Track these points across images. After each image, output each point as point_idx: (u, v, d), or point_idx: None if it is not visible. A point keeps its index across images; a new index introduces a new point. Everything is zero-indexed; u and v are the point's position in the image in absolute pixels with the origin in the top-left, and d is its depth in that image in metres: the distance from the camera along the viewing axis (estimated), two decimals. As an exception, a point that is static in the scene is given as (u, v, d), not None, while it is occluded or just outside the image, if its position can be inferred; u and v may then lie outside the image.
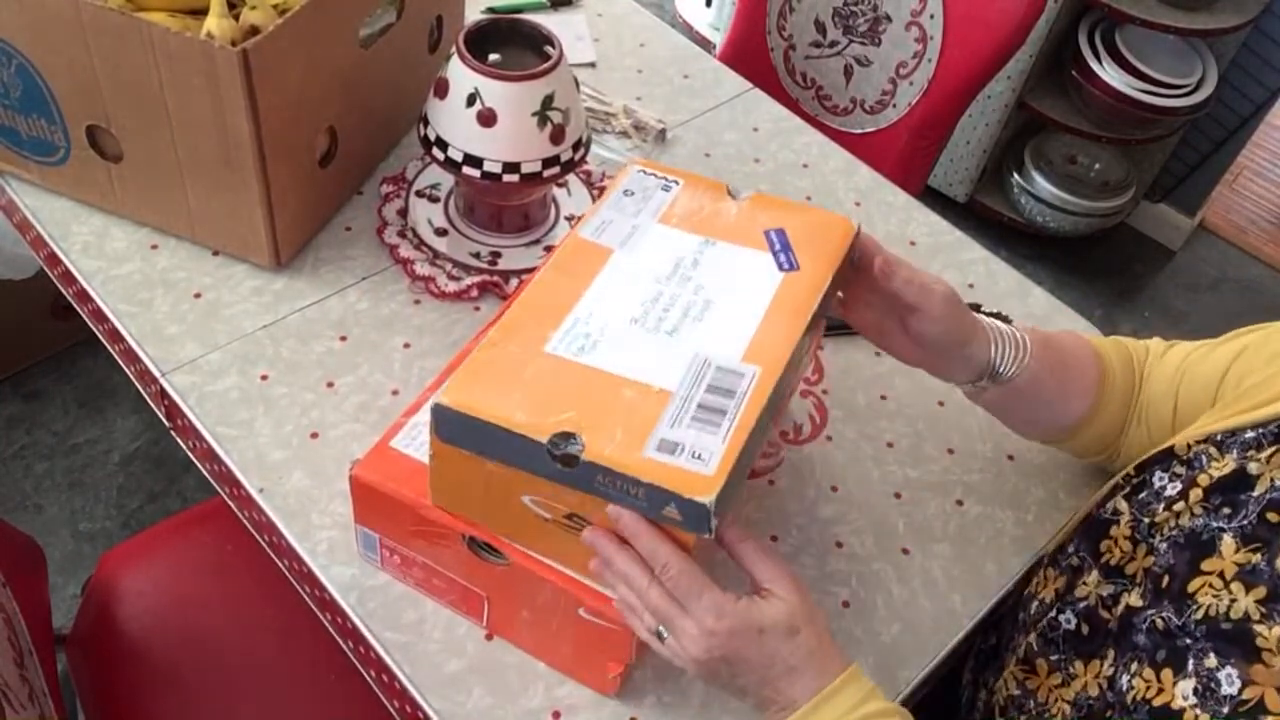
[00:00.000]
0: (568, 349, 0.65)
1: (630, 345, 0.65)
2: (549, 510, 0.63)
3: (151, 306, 0.91)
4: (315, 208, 0.97)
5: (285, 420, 0.84)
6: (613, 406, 0.62)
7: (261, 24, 0.83)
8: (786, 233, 0.74)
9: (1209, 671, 0.60)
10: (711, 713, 0.74)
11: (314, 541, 0.78)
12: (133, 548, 1.06)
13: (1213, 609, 0.62)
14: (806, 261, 0.72)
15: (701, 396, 0.63)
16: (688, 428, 0.61)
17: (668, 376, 0.64)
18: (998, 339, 0.78)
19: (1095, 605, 0.73)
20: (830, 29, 1.48)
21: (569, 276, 0.70)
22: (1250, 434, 0.68)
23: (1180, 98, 2.08)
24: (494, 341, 0.65)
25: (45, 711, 0.82)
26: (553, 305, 0.68)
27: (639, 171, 0.79)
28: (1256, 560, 0.62)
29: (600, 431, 0.60)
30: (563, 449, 0.59)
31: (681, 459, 0.59)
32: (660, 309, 0.68)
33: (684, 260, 0.72)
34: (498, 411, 0.60)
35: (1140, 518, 0.73)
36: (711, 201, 0.77)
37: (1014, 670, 0.78)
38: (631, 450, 0.59)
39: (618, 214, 0.75)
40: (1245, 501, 0.65)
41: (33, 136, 0.92)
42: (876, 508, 0.88)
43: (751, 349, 0.66)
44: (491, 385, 0.62)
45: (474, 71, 0.85)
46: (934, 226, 1.16)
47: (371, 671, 0.76)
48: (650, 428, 0.60)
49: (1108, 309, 2.32)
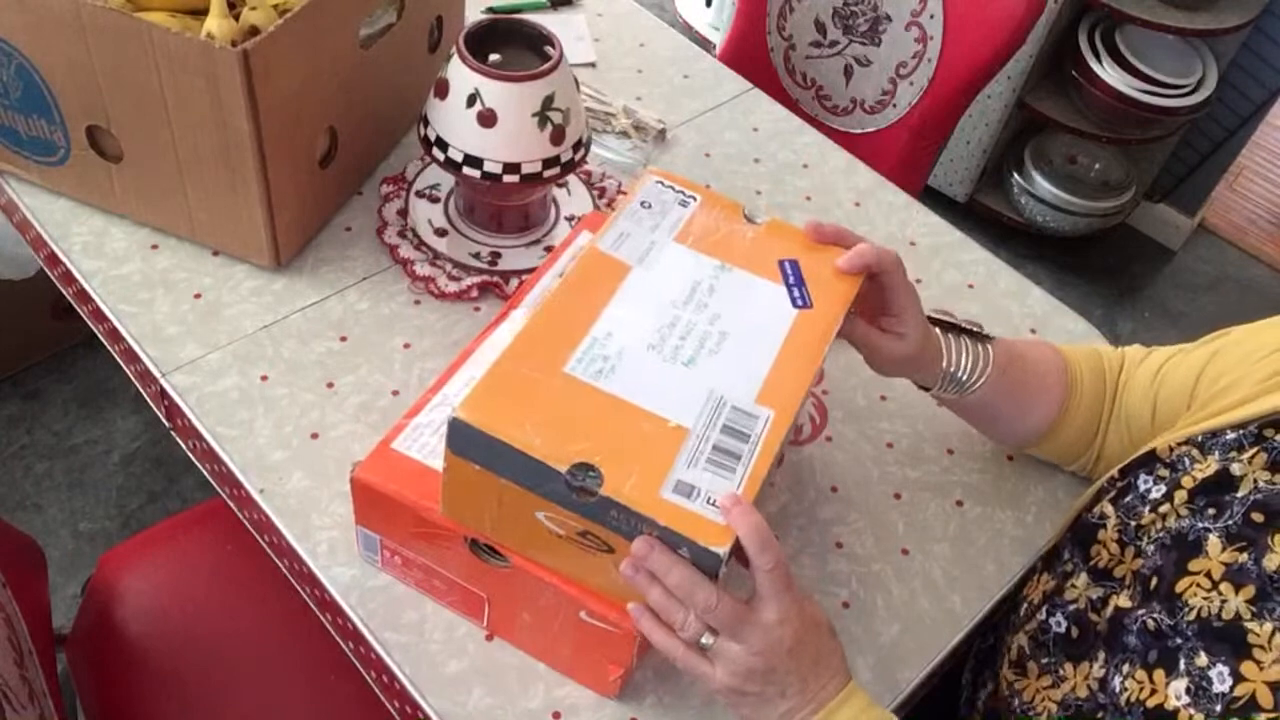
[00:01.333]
0: (586, 371, 0.65)
1: (648, 374, 0.66)
2: (563, 527, 0.63)
3: (151, 306, 0.91)
4: (315, 208, 0.97)
5: (285, 421, 0.84)
6: (631, 439, 0.62)
7: (261, 24, 0.83)
8: (800, 266, 0.74)
9: (1200, 671, 0.60)
10: (711, 713, 0.74)
11: (314, 542, 0.78)
12: (133, 548, 1.06)
13: (1204, 610, 0.62)
14: (819, 300, 0.72)
15: (717, 438, 0.63)
16: (703, 470, 0.61)
17: (684, 412, 0.64)
18: (953, 357, 0.80)
19: (1084, 608, 0.73)
20: (830, 29, 1.48)
21: (587, 292, 0.70)
22: (1231, 435, 0.69)
23: (1180, 98, 2.08)
24: (512, 356, 0.65)
25: (45, 712, 0.82)
26: (570, 322, 0.68)
27: (656, 183, 0.79)
28: (1244, 560, 0.62)
29: (618, 465, 0.60)
30: (581, 480, 0.60)
31: (697, 504, 0.60)
32: (677, 337, 0.68)
33: (700, 285, 0.72)
34: (517, 433, 0.61)
35: (1127, 521, 0.74)
36: (727, 223, 0.77)
37: (1005, 673, 0.78)
38: (649, 490, 0.60)
39: (635, 226, 0.75)
40: (1230, 503, 0.66)
41: (33, 136, 0.92)
42: (876, 508, 0.88)
43: (765, 390, 0.66)
44: (510, 403, 0.62)
45: (474, 72, 0.85)
46: (934, 226, 1.16)
47: (372, 672, 0.76)
48: (667, 467, 0.61)
49: (1108, 309, 2.32)
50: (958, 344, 0.80)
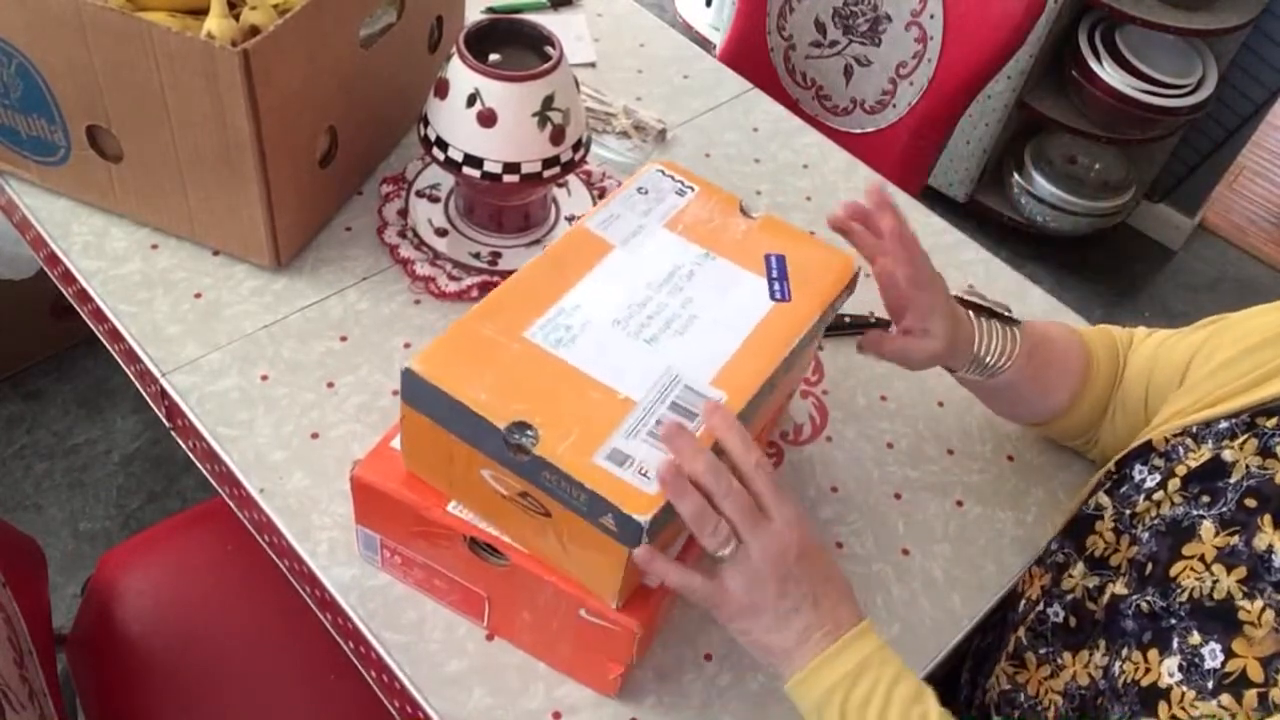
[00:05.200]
0: (546, 339, 0.66)
1: (607, 347, 0.66)
2: (505, 487, 0.64)
3: (151, 306, 0.91)
4: (315, 208, 0.97)
5: (285, 420, 0.84)
6: (575, 405, 0.63)
7: (262, 24, 0.83)
8: (786, 261, 0.75)
9: (1193, 648, 0.61)
10: (711, 712, 0.74)
11: (314, 542, 0.78)
12: (133, 548, 1.06)
13: (1196, 591, 0.63)
14: (799, 295, 0.73)
15: (663, 413, 0.64)
16: (642, 442, 0.62)
17: (635, 386, 0.65)
18: (983, 342, 0.80)
19: (1082, 597, 0.74)
20: (830, 29, 1.48)
21: (564, 265, 0.71)
22: (1224, 424, 0.70)
23: (1180, 98, 2.08)
24: (477, 316, 0.67)
25: (45, 711, 0.82)
26: (542, 291, 0.69)
27: (657, 171, 0.80)
28: (1235, 543, 0.64)
29: (557, 428, 0.61)
30: (518, 438, 0.61)
31: (628, 473, 0.60)
32: (645, 315, 0.69)
33: (680, 270, 0.73)
34: (463, 388, 0.62)
35: (1122, 510, 0.75)
36: (722, 215, 0.77)
37: (1004, 666, 0.79)
38: (582, 454, 0.60)
39: (627, 210, 0.76)
40: (1223, 489, 0.67)
41: (33, 136, 0.92)
42: (876, 508, 0.88)
43: (723, 374, 0.67)
44: (464, 361, 0.64)
45: (474, 72, 0.85)
46: (934, 226, 1.16)
47: (372, 672, 0.76)
48: (606, 435, 0.62)
49: (1108, 309, 2.32)
50: (988, 327, 0.81)
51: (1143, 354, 0.85)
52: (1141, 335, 0.88)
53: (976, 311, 0.81)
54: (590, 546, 0.62)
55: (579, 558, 0.65)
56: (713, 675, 0.76)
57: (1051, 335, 0.85)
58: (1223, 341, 0.78)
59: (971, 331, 0.79)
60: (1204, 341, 0.80)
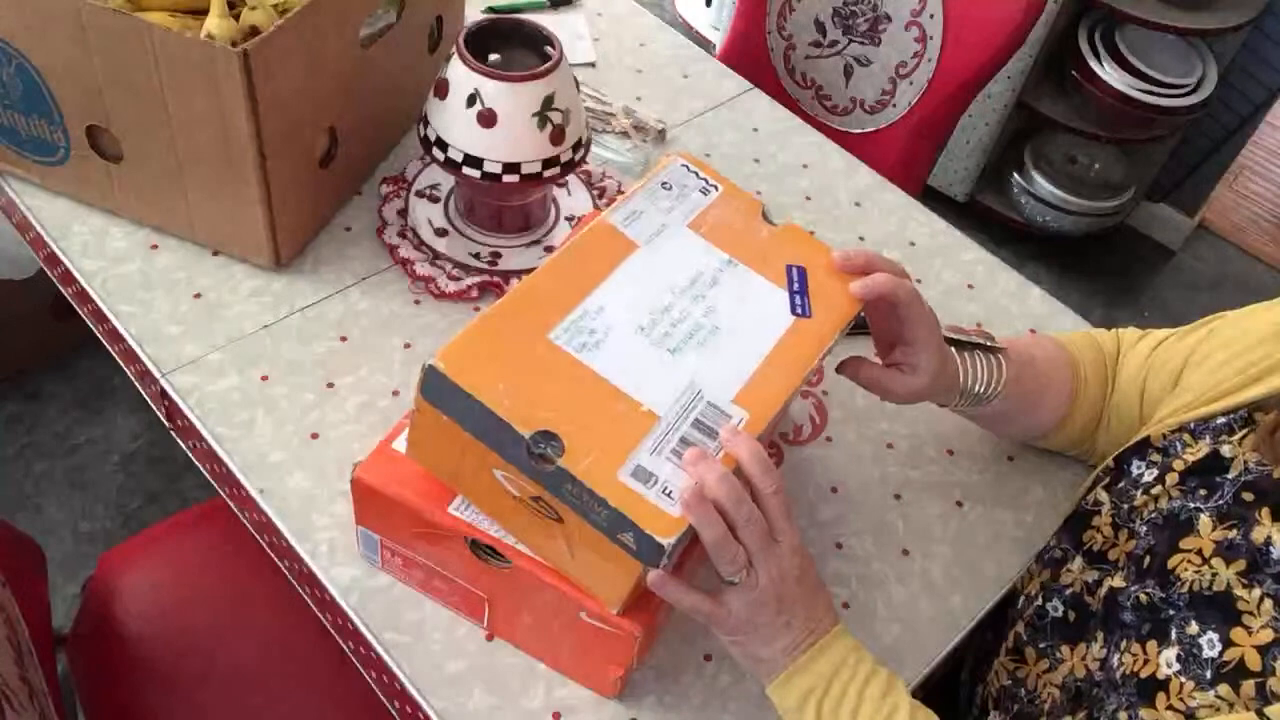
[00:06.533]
0: (570, 342, 0.65)
1: (631, 355, 0.66)
2: (518, 490, 0.63)
3: (151, 306, 0.91)
4: (315, 208, 0.97)
5: (285, 420, 0.84)
6: (599, 417, 0.62)
7: (261, 24, 0.83)
8: (807, 274, 0.74)
9: (1191, 639, 0.62)
10: (711, 713, 0.74)
11: (314, 542, 0.78)
12: (133, 548, 1.06)
13: (1196, 583, 0.64)
14: (819, 311, 0.72)
15: (686, 430, 0.63)
16: (665, 459, 0.61)
17: (659, 399, 0.64)
18: (969, 376, 0.80)
19: (1080, 591, 0.75)
20: (830, 29, 1.48)
21: (588, 263, 0.70)
22: (1222, 420, 0.71)
23: (1180, 98, 2.08)
24: (499, 313, 0.65)
25: (45, 711, 0.82)
26: (566, 290, 0.68)
27: (682, 165, 0.79)
28: (1233, 536, 0.64)
29: (582, 440, 0.60)
30: (542, 448, 0.60)
31: (652, 492, 0.60)
32: (668, 323, 0.68)
33: (703, 276, 0.72)
34: (487, 391, 0.61)
35: (1120, 505, 0.75)
36: (744, 219, 0.77)
37: (1003, 661, 0.79)
38: (607, 469, 0.60)
39: (651, 206, 0.75)
40: (1220, 483, 0.67)
41: (33, 136, 0.92)
42: (876, 509, 0.88)
43: (745, 391, 0.66)
44: (488, 360, 0.63)
45: (474, 72, 0.85)
46: (934, 226, 1.16)
47: (372, 672, 0.76)
48: (630, 450, 0.61)
49: (1108, 309, 2.32)
50: (973, 361, 0.80)
51: (1136, 359, 0.85)
52: (1132, 339, 0.88)
53: (959, 347, 0.81)
54: (602, 556, 0.62)
55: (587, 564, 0.64)
56: (713, 676, 0.76)
57: (1035, 356, 0.84)
58: (1218, 342, 0.78)
59: (956, 370, 0.79)
60: (1199, 344, 0.80)
